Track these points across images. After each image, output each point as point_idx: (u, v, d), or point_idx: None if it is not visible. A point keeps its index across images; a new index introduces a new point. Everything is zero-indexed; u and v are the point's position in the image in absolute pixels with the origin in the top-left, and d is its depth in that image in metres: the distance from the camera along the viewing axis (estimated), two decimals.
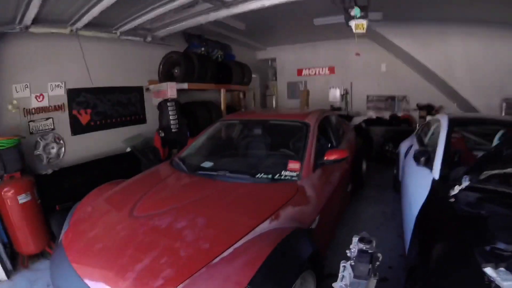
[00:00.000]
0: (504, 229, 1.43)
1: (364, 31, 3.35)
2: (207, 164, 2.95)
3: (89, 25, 3.82)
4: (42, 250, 3.16)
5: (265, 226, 1.88)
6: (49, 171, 3.64)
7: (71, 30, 3.90)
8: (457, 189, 1.91)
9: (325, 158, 2.80)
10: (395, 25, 5.85)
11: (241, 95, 7.26)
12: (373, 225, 3.71)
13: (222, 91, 5.94)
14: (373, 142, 6.56)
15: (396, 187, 4.47)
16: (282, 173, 2.59)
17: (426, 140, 3.54)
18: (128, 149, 4.70)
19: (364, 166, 5.03)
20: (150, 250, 1.69)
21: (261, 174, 2.58)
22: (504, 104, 5.52)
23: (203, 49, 6.03)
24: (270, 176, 2.56)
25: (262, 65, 9.36)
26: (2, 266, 2.87)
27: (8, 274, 2.90)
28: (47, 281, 2.73)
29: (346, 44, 7.57)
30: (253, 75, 7.47)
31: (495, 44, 5.48)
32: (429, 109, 6.57)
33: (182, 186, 2.63)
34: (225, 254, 1.64)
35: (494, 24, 5.33)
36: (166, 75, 5.18)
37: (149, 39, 4.91)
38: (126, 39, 4.64)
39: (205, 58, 5.67)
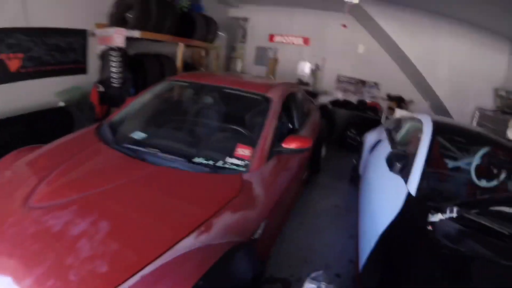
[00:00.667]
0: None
1: (357, 1, 2.84)
2: (139, 135, 2.33)
3: None
4: None
5: (189, 242, 1.37)
6: None
7: None
8: (438, 217, 1.53)
9: (283, 145, 2.30)
10: (385, 6, 5.43)
11: (203, 53, 6.46)
12: (324, 220, 3.38)
13: (180, 45, 5.14)
14: (335, 125, 6.25)
15: (353, 179, 4.16)
16: (227, 160, 2.06)
17: (397, 138, 3.17)
18: (61, 104, 3.88)
19: (323, 151, 4.66)
20: (35, 266, 1.19)
21: (200, 158, 2.04)
22: (477, 113, 5.42)
23: None
24: (211, 162, 2.03)
25: (232, 24, 8.47)
26: None
27: None
28: None
29: (325, 17, 7.15)
30: (221, 33, 6.66)
31: (482, 51, 5.36)
32: (399, 101, 6.35)
33: (98, 165, 1.97)
34: (126, 284, 1.14)
35: (485, 31, 5.15)
36: (118, 19, 4.24)
37: None
38: None
39: (165, 4, 4.76)
